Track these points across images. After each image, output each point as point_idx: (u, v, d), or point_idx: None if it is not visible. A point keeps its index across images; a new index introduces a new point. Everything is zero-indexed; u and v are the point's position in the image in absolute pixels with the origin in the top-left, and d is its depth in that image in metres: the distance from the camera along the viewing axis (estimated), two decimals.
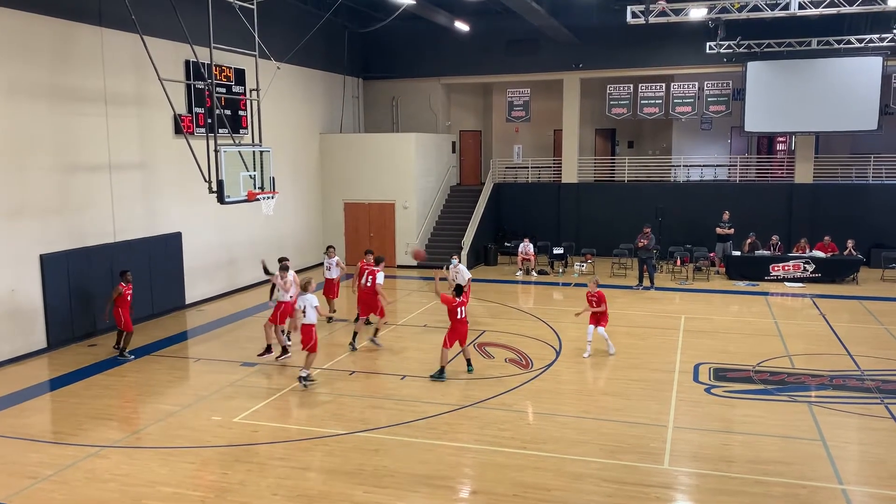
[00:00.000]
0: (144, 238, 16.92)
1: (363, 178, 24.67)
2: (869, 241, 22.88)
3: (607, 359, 13.69)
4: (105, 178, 15.89)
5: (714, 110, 24.81)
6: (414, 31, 25.27)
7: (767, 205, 24.41)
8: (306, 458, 9.47)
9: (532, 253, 23.20)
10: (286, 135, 22.12)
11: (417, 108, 27.40)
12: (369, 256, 15.16)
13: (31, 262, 14.26)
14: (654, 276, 20.69)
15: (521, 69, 26.07)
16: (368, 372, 13.15)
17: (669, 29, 21.32)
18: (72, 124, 15.03)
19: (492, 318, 16.97)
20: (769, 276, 21.32)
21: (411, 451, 9.65)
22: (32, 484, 8.83)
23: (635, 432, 10.21)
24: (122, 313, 13.85)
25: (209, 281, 19.27)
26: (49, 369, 13.64)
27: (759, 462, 9.23)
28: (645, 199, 24.85)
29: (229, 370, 13.23)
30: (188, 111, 17.70)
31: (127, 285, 13.94)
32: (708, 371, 12.96)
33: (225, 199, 13.38)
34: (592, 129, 29.54)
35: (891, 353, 14.08)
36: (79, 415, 11.13)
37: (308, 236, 24.26)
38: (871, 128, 23.15)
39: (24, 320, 14.15)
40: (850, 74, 23.05)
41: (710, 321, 16.82)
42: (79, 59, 15.14)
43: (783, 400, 11.54)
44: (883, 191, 23.75)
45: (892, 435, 10.11)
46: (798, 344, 14.75)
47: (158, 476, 9.00)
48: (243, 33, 14.54)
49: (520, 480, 8.77)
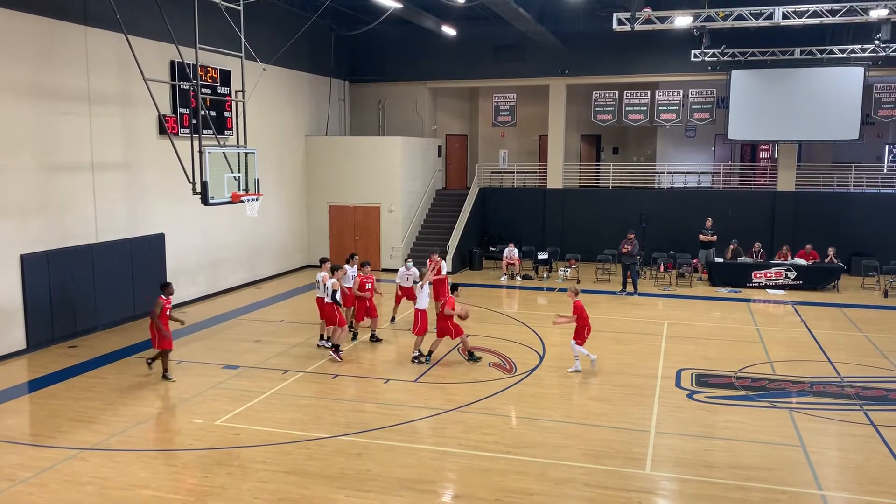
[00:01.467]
0: (127, 239, 16.79)
1: (348, 181, 24.63)
2: (849, 250, 23.12)
3: (589, 364, 13.71)
4: (88, 178, 15.76)
5: (698, 118, 25.01)
6: (401, 34, 25.30)
7: (750, 212, 24.62)
8: (288, 462, 9.42)
9: (517, 258, 23.25)
10: (271, 137, 22.04)
11: (404, 112, 27.42)
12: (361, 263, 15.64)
13: (11, 262, 14.10)
14: (638, 281, 20.81)
15: (507, 74, 26.15)
16: (352, 375, 13.11)
17: (655, 37, 21.49)
18: (54, 123, 14.89)
19: (476, 323, 16.97)
20: (751, 283, 21.49)
21: (394, 455, 9.62)
22: (10, 486, 8.72)
23: (618, 437, 10.25)
24: (163, 329, 12.57)
25: (192, 283, 19.14)
26: (28, 370, 13.49)
27: (740, 467, 9.28)
28: (629, 206, 24.98)
29: (211, 373, 13.15)
30: (173, 112, 17.60)
31: (167, 299, 12.72)
32: (690, 377, 13.03)
33: (209, 201, 13.28)
34: (578, 134, 29.68)
35: (870, 360, 14.23)
36: (58, 417, 11.01)
37: (292, 239, 24.18)
38: (853, 137, 23.43)
39: (2, 320, 13.98)
40: (832, 84, 23.33)
41: (692, 327, 16.93)
42: (63, 57, 15.01)
43: (764, 406, 11.62)
44: (863, 200, 24.02)
45: (872, 441, 10.21)
46: (779, 350, 14.87)
47: (138, 479, 8.91)
48: (229, 34, 14.48)
49: (502, 485, 8.78)
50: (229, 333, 16.09)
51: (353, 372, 13.33)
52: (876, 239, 23.19)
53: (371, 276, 15.29)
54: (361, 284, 15.05)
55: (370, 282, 15.21)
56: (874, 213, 23.62)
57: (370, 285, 15.18)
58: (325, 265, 14.59)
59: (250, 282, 21.67)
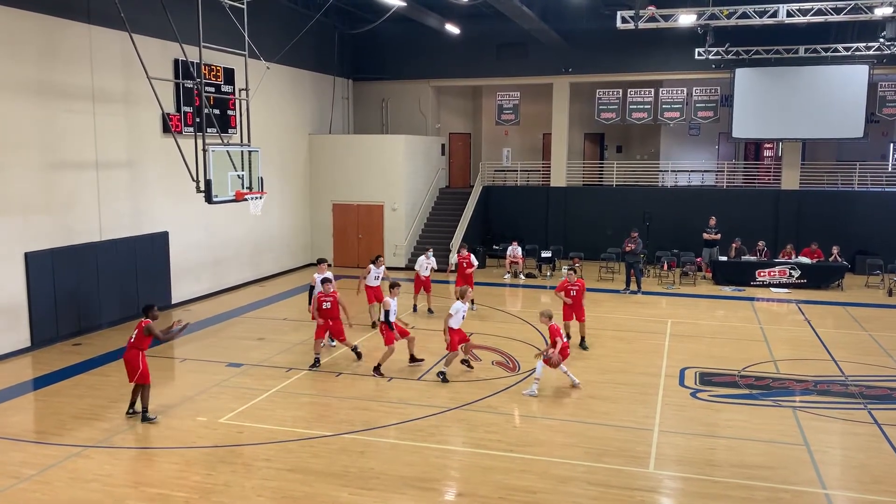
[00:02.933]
0: (131, 237, 16.83)
1: (352, 180, 24.64)
2: (853, 248, 23.05)
3: (592, 363, 13.71)
4: (91, 176, 15.78)
5: (702, 116, 24.97)
6: (404, 33, 25.27)
7: (754, 211, 24.57)
8: (291, 460, 9.43)
9: (520, 256, 23.23)
10: (275, 135, 22.06)
11: (407, 110, 27.41)
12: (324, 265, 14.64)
13: (15, 260, 14.14)
14: (641, 280, 20.78)
15: (510, 72, 26.13)
16: (355, 374, 13.12)
17: (659, 35, 21.43)
18: (58, 121, 14.92)
19: (479, 321, 16.97)
20: (755, 282, 21.46)
21: (398, 454, 9.63)
22: (14, 484, 8.75)
23: (621, 436, 10.25)
24: (142, 360, 10.72)
25: (196, 281, 19.18)
26: (33, 368, 13.53)
27: (744, 466, 9.28)
28: (633, 204, 24.94)
29: (215, 371, 13.17)
30: (177, 110, 17.61)
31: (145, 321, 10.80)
32: (694, 375, 13.02)
33: (213, 199, 13.30)
34: (581, 133, 29.65)
35: (874, 358, 14.20)
36: (62, 414, 11.05)
37: (295, 237, 24.20)
38: (857, 135, 23.36)
39: (7, 319, 14.02)
40: (836, 82, 23.26)
41: (696, 326, 16.91)
42: (66, 56, 15.04)
43: (768, 405, 11.61)
44: (868, 198, 23.97)
45: (875, 440, 10.19)
46: (783, 349, 14.85)
47: (142, 477, 8.94)
48: (233, 33, 14.49)
49: (506, 483, 8.78)
50: (233, 331, 16.12)
51: (356, 370, 13.33)
52: (880, 237, 23.13)
53: (334, 293, 13.37)
54: (319, 302, 13.27)
55: (330, 299, 13.28)
56: (878, 212, 23.56)
57: (330, 303, 13.26)
58: (322, 266, 14.47)
59: (254, 280, 21.69)
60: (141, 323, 10.78)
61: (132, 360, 10.66)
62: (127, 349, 10.79)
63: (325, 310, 13.27)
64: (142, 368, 10.63)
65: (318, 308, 13.34)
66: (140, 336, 10.71)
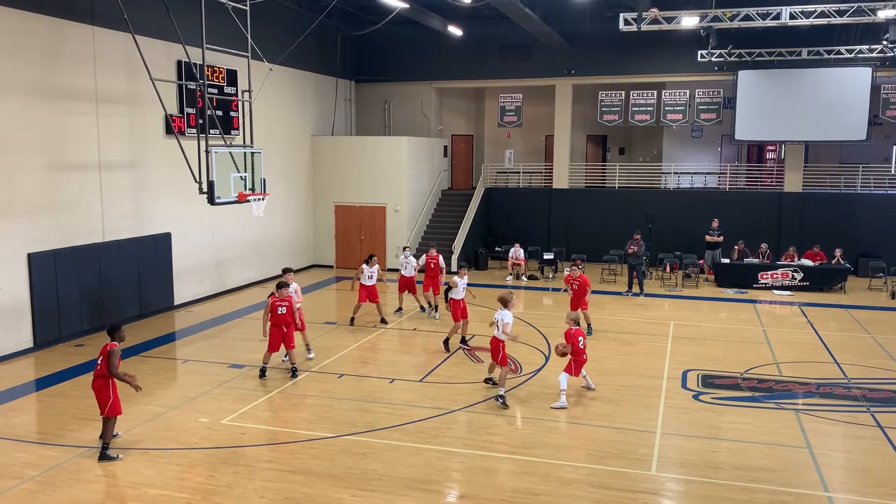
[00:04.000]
0: (134, 238, 16.85)
1: (354, 181, 24.66)
2: (856, 251, 23.01)
3: (595, 365, 13.66)
4: (94, 177, 15.81)
5: (705, 118, 24.95)
6: (407, 34, 25.30)
7: (757, 213, 24.55)
8: (294, 461, 9.43)
9: (522, 258, 23.22)
10: (278, 136, 22.08)
11: (410, 112, 27.44)
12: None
13: (18, 261, 14.16)
14: (644, 282, 20.76)
15: (513, 74, 26.14)
16: (357, 375, 13.12)
17: (661, 37, 21.45)
18: (62, 123, 14.95)
19: (481, 323, 16.95)
20: (758, 284, 21.43)
21: (399, 455, 9.63)
22: (17, 484, 8.76)
23: (623, 438, 10.23)
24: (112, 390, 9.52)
25: (198, 282, 19.20)
26: (35, 369, 13.55)
27: (746, 469, 9.26)
28: (635, 206, 24.92)
29: (217, 372, 13.17)
30: (179, 111, 17.65)
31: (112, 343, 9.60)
32: (696, 378, 13.00)
33: (215, 200, 13.33)
34: (584, 135, 29.64)
35: (877, 361, 14.17)
36: (65, 415, 11.05)
37: (298, 238, 24.22)
38: (860, 138, 23.33)
39: (10, 319, 14.04)
40: (839, 85, 23.23)
41: (698, 328, 16.89)
42: (70, 57, 15.07)
43: (770, 407, 11.59)
44: (870, 201, 23.92)
45: (878, 443, 10.17)
46: (786, 352, 14.82)
47: (144, 477, 8.94)
48: (236, 34, 14.51)
49: (508, 485, 8.78)
50: (235, 332, 16.13)
51: (358, 371, 13.33)
52: (883, 240, 23.10)
53: (289, 297, 12.72)
54: (274, 307, 12.53)
55: (286, 304, 12.61)
56: (881, 214, 23.51)
57: (285, 308, 12.59)
58: (289, 275, 13.76)
59: (256, 281, 21.70)
60: (106, 347, 9.50)
61: (101, 391, 9.44)
62: (94, 377, 9.53)
63: (279, 315, 12.51)
64: (112, 399, 9.43)
65: (272, 312, 12.51)
66: (105, 362, 9.42)
